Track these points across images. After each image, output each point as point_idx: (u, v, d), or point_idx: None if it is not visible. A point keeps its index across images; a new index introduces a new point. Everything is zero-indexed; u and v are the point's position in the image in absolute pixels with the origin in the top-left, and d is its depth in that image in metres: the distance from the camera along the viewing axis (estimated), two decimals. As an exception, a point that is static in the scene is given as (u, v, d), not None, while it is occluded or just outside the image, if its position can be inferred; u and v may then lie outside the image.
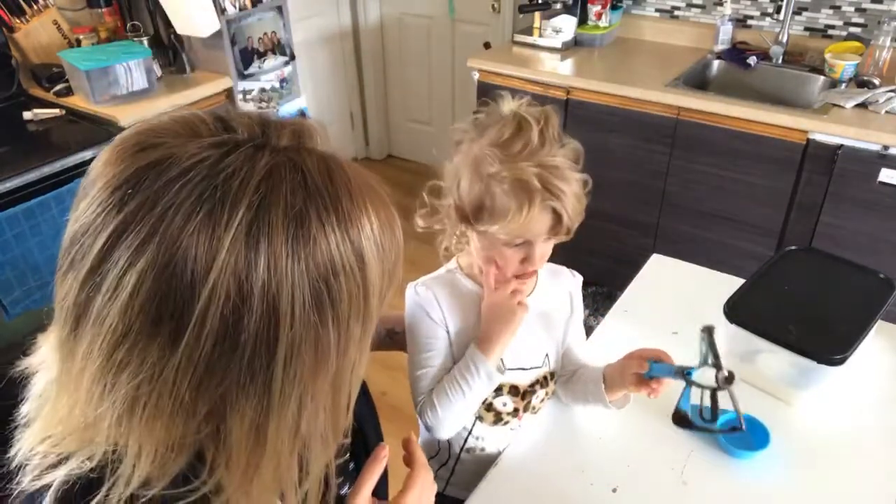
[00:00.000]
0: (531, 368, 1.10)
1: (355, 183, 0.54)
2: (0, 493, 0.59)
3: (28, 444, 0.56)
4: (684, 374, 1.01)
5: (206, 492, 0.53)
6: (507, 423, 1.11)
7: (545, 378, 1.12)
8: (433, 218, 1.01)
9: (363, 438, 0.91)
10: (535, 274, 1.05)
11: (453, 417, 1.01)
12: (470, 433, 1.11)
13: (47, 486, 0.55)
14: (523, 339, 1.07)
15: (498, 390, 1.08)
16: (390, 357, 1.13)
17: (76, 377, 0.51)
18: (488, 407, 1.09)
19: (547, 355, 1.11)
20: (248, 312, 0.48)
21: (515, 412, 1.11)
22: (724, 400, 1.02)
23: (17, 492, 0.57)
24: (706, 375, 1.02)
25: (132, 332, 0.48)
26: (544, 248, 0.97)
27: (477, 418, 1.10)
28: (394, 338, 1.16)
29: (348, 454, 0.91)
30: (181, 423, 0.50)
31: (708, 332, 1.01)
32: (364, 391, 0.97)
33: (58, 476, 0.54)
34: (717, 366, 1.00)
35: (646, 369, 1.03)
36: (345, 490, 0.91)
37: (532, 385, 1.11)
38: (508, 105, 0.97)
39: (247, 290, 0.47)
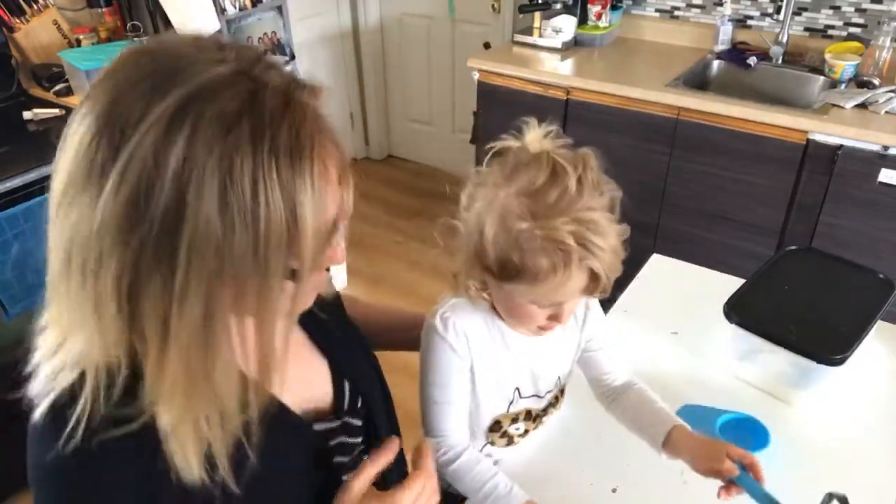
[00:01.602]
0: (546, 394, 1.08)
1: (310, 127, 0.57)
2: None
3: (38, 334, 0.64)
4: None
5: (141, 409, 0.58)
6: (517, 443, 1.11)
7: (556, 398, 1.12)
8: (452, 259, 0.91)
9: (375, 431, 0.91)
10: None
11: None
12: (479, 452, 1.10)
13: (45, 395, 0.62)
14: (541, 369, 1.05)
15: (514, 419, 1.07)
16: (395, 358, 1.12)
17: (46, 231, 0.57)
18: (502, 434, 1.08)
19: (559, 377, 1.09)
20: (160, 187, 0.51)
21: (526, 432, 1.11)
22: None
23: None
24: None
25: (73, 178, 0.54)
26: (575, 302, 0.90)
27: (489, 442, 1.08)
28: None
29: (362, 445, 0.91)
30: (107, 293, 0.54)
31: (841, 501, 0.89)
32: (382, 388, 0.95)
33: (55, 387, 0.61)
34: None
35: (731, 470, 0.92)
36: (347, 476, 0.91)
37: (546, 408, 1.10)
38: (535, 134, 0.87)
39: (161, 164, 0.51)
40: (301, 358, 0.84)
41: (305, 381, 0.82)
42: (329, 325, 0.86)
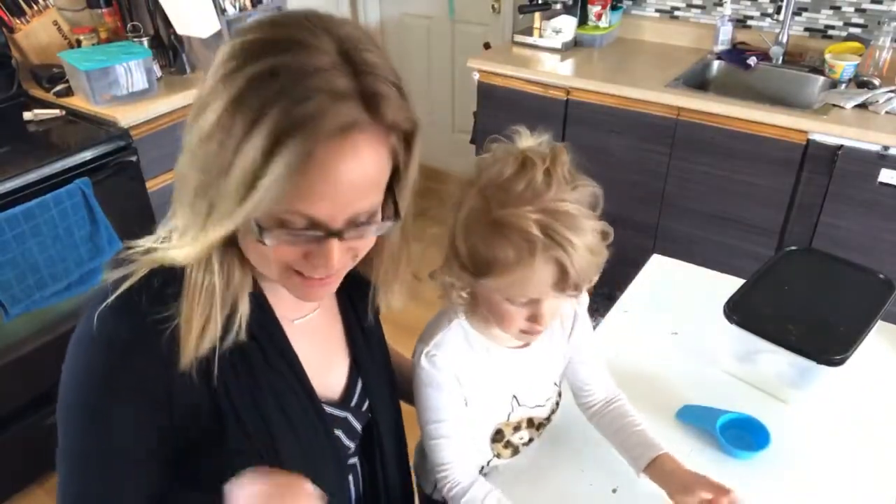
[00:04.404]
0: (546, 401, 1.08)
1: (328, 127, 0.62)
2: None
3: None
4: None
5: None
6: (521, 452, 1.11)
7: (557, 403, 1.12)
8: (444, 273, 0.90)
9: (379, 438, 0.93)
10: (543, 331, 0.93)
11: None
12: (485, 465, 1.10)
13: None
14: (535, 377, 1.05)
15: (517, 428, 1.07)
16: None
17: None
18: (506, 444, 1.07)
19: (556, 383, 1.10)
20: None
21: (530, 440, 1.10)
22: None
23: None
24: None
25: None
26: (554, 304, 0.87)
27: (495, 455, 1.08)
28: None
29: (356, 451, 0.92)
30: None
31: None
32: (393, 400, 0.98)
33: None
34: None
35: None
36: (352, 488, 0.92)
37: (549, 416, 1.10)
38: (525, 142, 0.86)
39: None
40: (329, 341, 0.89)
41: (325, 363, 0.87)
42: (363, 326, 0.91)
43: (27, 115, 2.16)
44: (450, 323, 0.96)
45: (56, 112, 2.20)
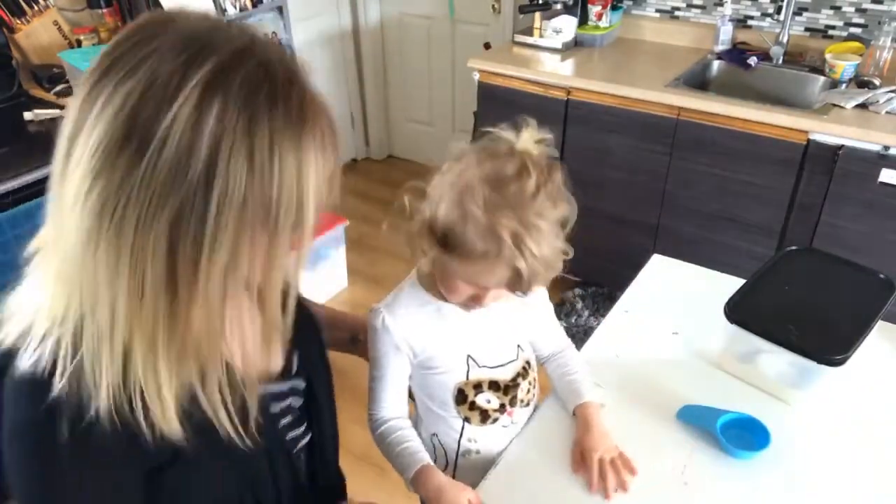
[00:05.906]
0: (508, 363, 1.11)
1: (309, 96, 0.63)
2: None
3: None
4: None
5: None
6: (496, 419, 1.11)
7: (524, 369, 1.13)
8: (407, 224, 0.96)
9: (313, 395, 0.92)
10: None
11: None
12: (461, 436, 1.11)
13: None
14: (493, 337, 1.09)
15: (478, 387, 1.09)
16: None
17: (63, 195, 0.59)
18: (471, 406, 1.09)
19: (518, 346, 1.12)
20: (198, 146, 0.56)
21: (502, 408, 1.11)
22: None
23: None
24: None
25: (111, 141, 0.56)
26: (498, 293, 0.96)
27: (464, 419, 1.10)
28: (356, 344, 1.18)
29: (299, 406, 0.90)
30: (141, 246, 0.57)
31: None
32: (322, 355, 0.97)
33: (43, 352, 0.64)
34: None
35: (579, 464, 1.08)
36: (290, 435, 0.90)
37: (514, 378, 1.12)
38: (528, 135, 0.91)
39: (201, 125, 0.56)
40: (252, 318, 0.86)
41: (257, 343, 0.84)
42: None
43: (27, 115, 2.16)
44: (404, 284, 1.06)
45: (56, 112, 2.20)
